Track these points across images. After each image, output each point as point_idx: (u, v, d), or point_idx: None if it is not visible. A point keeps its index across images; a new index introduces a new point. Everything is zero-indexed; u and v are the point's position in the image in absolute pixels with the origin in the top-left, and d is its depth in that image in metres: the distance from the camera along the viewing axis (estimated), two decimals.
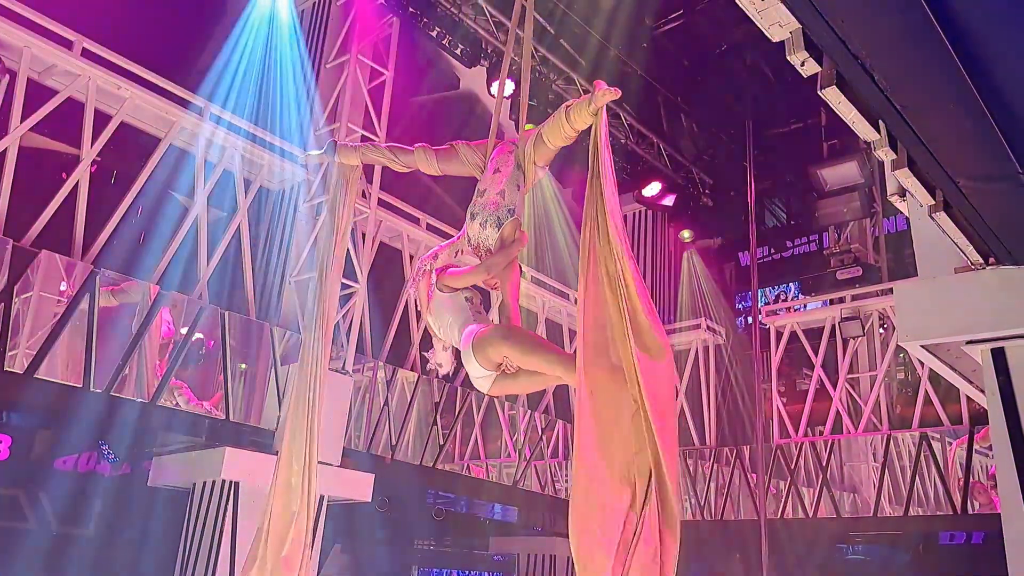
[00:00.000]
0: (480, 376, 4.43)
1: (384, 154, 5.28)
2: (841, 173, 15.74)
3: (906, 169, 3.64)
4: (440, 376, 4.69)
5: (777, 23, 2.85)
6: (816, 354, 14.29)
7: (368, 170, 11.62)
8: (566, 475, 14.43)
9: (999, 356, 4.67)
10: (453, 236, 12.93)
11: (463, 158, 4.94)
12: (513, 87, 13.27)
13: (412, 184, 14.14)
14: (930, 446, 12.89)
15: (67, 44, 9.46)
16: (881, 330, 14.52)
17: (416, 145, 5.11)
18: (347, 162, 5.47)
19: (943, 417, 12.77)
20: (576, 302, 4.73)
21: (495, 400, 13.41)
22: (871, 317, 14.08)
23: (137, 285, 9.65)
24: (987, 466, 14.44)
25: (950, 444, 13.58)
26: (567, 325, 15.39)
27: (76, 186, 9.24)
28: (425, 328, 12.66)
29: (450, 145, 5.03)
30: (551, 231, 16.06)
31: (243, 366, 11.05)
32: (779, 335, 14.92)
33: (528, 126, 5.01)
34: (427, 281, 4.79)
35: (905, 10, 2.67)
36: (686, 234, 18.65)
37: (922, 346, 5.01)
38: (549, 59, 14.10)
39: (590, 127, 4.32)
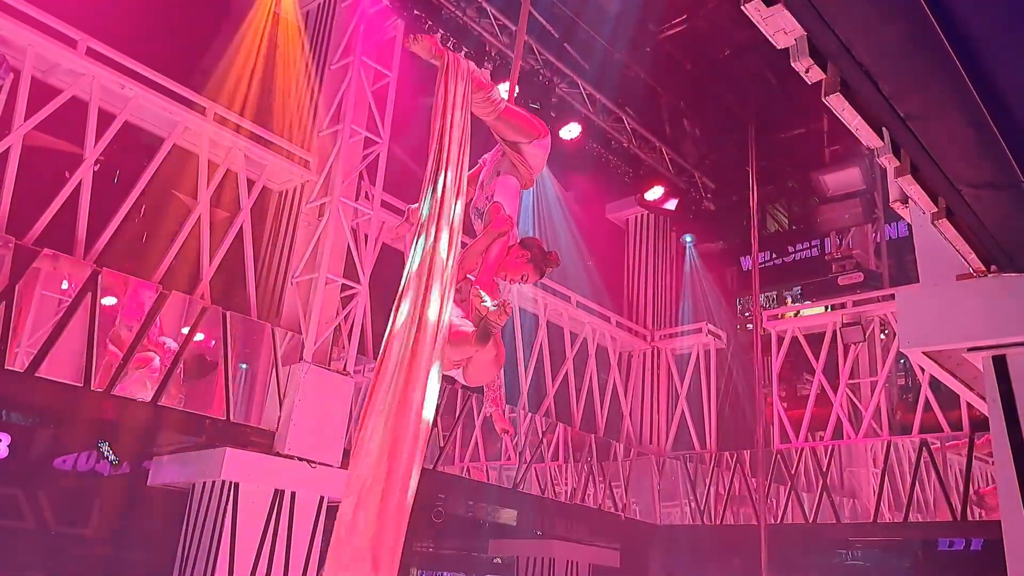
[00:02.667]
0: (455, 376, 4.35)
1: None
2: (843, 179, 15.74)
3: (909, 176, 3.64)
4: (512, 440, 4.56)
5: (782, 30, 2.85)
6: (817, 359, 14.28)
7: (371, 170, 11.65)
8: (566, 478, 14.44)
9: (1000, 363, 4.66)
10: None
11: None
12: (517, 91, 13.27)
13: (415, 185, 14.11)
14: (930, 452, 12.89)
15: (71, 43, 9.46)
16: (882, 336, 14.52)
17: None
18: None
19: (943, 424, 12.77)
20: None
21: None
22: (872, 323, 14.07)
23: None
24: (987, 472, 14.43)
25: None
26: (568, 328, 15.40)
27: (79, 185, 9.26)
28: None
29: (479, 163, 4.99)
30: (553, 233, 16.05)
31: (244, 366, 11.05)
32: (780, 340, 14.91)
33: None
34: None
35: (909, 18, 2.68)
36: (688, 238, 18.67)
37: (923, 353, 5.01)
38: (553, 62, 14.10)
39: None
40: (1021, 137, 3.25)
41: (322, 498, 10.18)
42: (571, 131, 14.49)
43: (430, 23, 12.39)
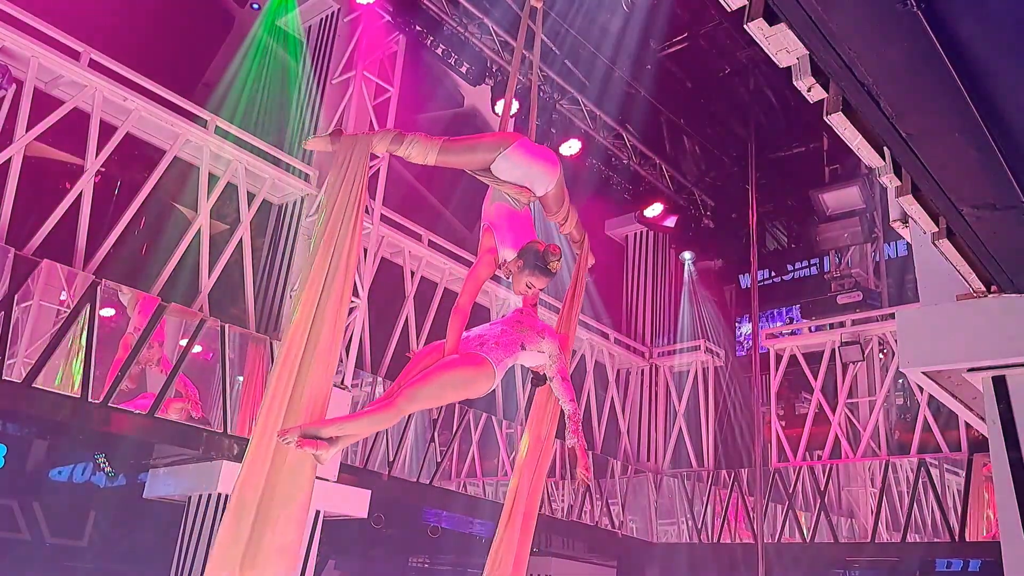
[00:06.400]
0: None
1: None
2: (842, 198, 15.77)
3: (910, 196, 3.64)
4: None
5: (784, 49, 2.86)
6: (816, 378, 14.26)
7: (372, 185, 11.66)
8: (562, 494, 14.38)
9: (1000, 384, 4.65)
10: (454, 252, 12.96)
11: None
12: (517, 106, 13.31)
13: (415, 200, 14.16)
14: (928, 473, 12.86)
15: (74, 55, 9.48)
16: (881, 355, 14.50)
17: None
18: None
19: (942, 444, 12.74)
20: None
21: (492, 418, 13.37)
22: (871, 342, 14.06)
23: None
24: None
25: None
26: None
27: (80, 196, 9.26)
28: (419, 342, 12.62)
29: None
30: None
31: (240, 378, 11.02)
32: (779, 358, 14.90)
33: None
34: None
35: (912, 38, 2.69)
36: (687, 255, 18.66)
37: (923, 373, 5.00)
38: (554, 80, 14.15)
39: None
40: (1023, 157, 3.25)
41: (318, 512, 10.13)
42: (571, 147, 14.57)
43: (431, 38, 12.45)
